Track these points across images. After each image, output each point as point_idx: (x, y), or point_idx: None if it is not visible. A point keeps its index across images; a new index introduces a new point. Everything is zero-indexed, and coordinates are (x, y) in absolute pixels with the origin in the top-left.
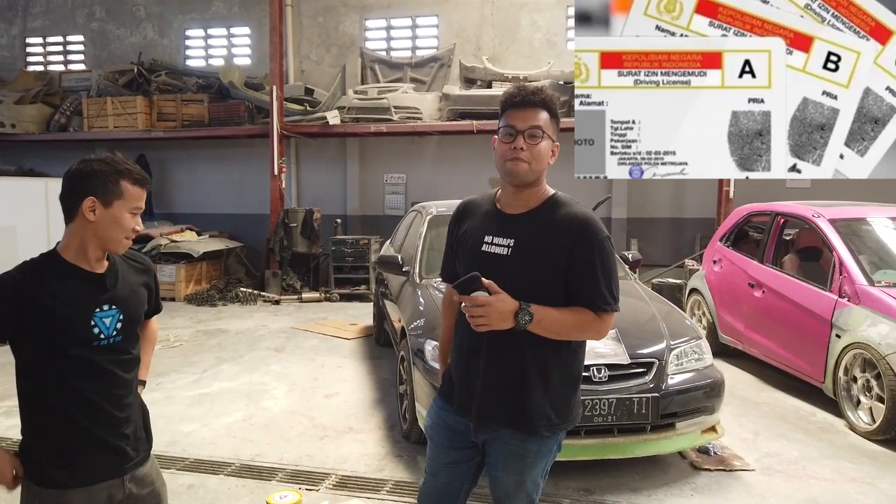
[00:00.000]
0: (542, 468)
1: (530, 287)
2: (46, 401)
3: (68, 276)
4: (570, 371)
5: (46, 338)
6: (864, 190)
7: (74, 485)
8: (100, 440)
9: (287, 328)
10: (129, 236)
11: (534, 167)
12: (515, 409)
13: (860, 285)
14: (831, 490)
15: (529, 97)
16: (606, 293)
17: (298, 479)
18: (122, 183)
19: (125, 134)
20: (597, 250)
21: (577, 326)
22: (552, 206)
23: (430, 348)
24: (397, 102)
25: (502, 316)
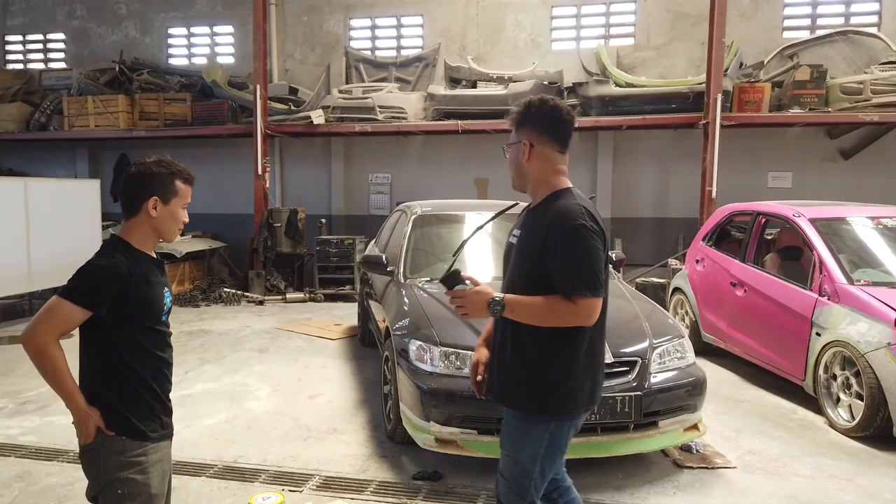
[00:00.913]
0: (530, 452)
1: (524, 274)
2: (129, 365)
3: (147, 262)
4: (547, 359)
5: (137, 310)
6: (844, 190)
7: (153, 439)
8: (163, 402)
9: (271, 329)
10: (181, 227)
11: (513, 173)
12: (498, 381)
13: (840, 284)
14: (811, 486)
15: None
16: (574, 278)
17: (282, 480)
18: (177, 182)
19: (107, 133)
20: (565, 237)
21: (549, 312)
22: (549, 200)
23: (414, 348)
24: (382, 102)
25: (477, 306)
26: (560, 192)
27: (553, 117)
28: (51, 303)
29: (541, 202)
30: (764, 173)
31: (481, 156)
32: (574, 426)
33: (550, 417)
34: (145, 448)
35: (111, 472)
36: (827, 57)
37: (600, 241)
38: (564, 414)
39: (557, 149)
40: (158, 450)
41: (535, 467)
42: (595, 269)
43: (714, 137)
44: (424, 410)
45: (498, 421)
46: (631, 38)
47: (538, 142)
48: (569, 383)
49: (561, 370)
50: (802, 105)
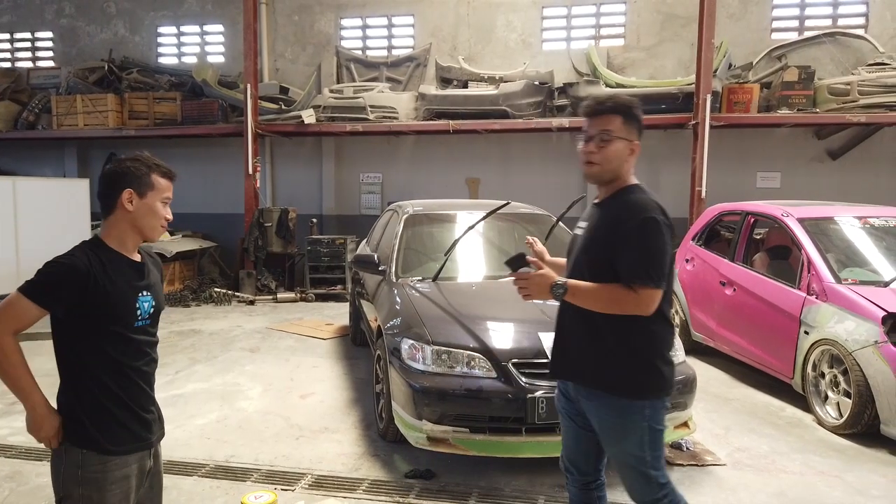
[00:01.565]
0: (634, 440)
1: (591, 263)
2: (91, 371)
3: (117, 262)
4: (629, 343)
5: (98, 314)
6: (832, 190)
7: (115, 452)
8: (135, 413)
9: (262, 328)
10: (164, 224)
11: (605, 167)
12: (570, 362)
13: (828, 283)
14: (800, 483)
15: (598, 105)
16: (639, 268)
17: (274, 479)
18: (153, 176)
19: (96, 132)
20: (636, 228)
21: (610, 300)
22: (621, 194)
23: (406, 347)
24: (373, 102)
25: (540, 289)
26: (633, 187)
27: (642, 124)
28: (9, 297)
29: (612, 196)
30: (753, 174)
31: (472, 156)
32: (666, 404)
33: (646, 402)
34: (107, 463)
35: (67, 486)
36: (815, 58)
37: (669, 236)
38: (660, 393)
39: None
40: (125, 465)
41: (646, 451)
42: (661, 261)
43: (703, 138)
44: (416, 409)
45: (490, 419)
46: (621, 39)
47: (638, 147)
48: (657, 364)
49: (649, 350)
50: (791, 106)
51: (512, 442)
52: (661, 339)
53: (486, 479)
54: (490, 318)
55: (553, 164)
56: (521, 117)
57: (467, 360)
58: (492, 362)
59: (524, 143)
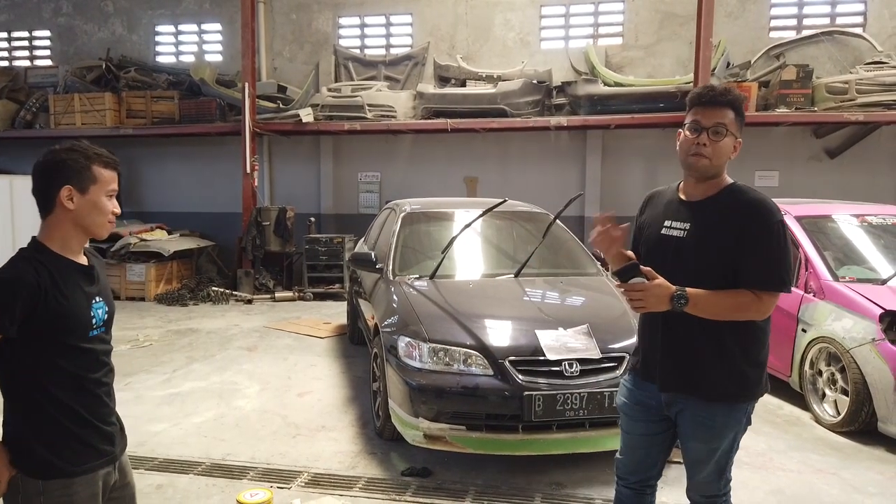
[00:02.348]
0: (731, 439)
1: (703, 267)
2: (45, 389)
3: (65, 268)
4: (749, 347)
5: (52, 327)
6: (830, 189)
7: (79, 472)
8: (96, 428)
9: (260, 327)
10: (112, 220)
11: (714, 162)
12: (692, 376)
13: (825, 281)
14: (797, 481)
15: (717, 97)
16: (772, 274)
17: (270, 477)
18: (95, 168)
19: (93, 131)
20: (762, 232)
21: (734, 308)
22: (730, 193)
23: (403, 345)
24: (371, 100)
25: (659, 300)
26: (741, 186)
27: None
28: None
29: (717, 194)
30: (751, 172)
31: (471, 154)
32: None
33: (750, 403)
34: (71, 486)
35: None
36: (813, 57)
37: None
38: (758, 396)
39: None
40: (90, 483)
41: (734, 449)
42: (790, 266)
43: None
44: (413, 407)
45: (487, 417)
46: (619, 38)
47: (741, 143)
48: (762, 366)
49: (761, 354)
50: (789, 105)
51: (509, 440)
52: (768, 339)
53: (483, 476)
54: (487, 315)
55: (551, 162)
56: (520, 116)
57: (464, 357)
58: (488, 360)
59: (522, 142)
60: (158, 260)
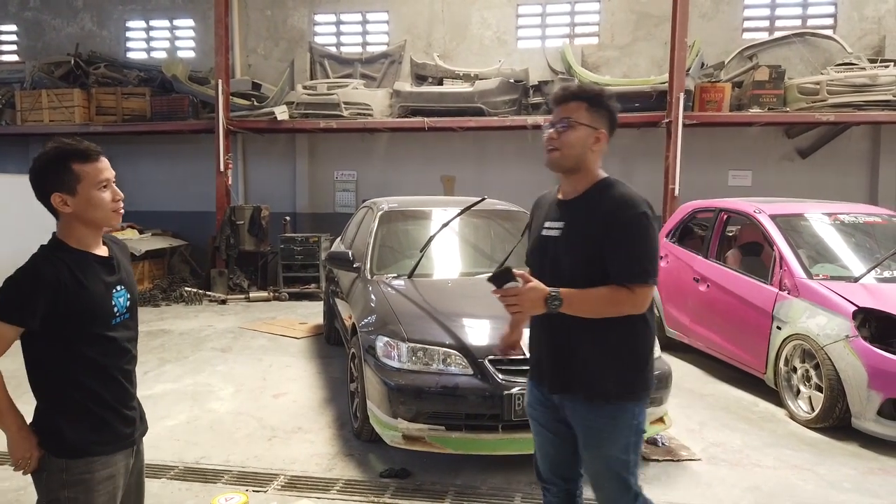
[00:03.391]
0: (622, 445)
1: (578, 265)
2: (71, 376)
3: (85, 262)
4: (627, 343)
5: (75, 319)
6: (802, 188)
7: (100, 452)
8: (118, 411)
9: (234, 328)
10: (116, 208)
11: (565, 153)
12: (573, 376)
13: (799, 278)
14: (773, 477)
15: (562, 93)
16: (638, 267)
17: (245, 480)
18: (74, 167)
19: (62, 128)
20: (627, 225)
21: (609, 303)
22: (599, 189)
23: (381, 344)
24: (347, 98)
25: (533, 303)
26: (609, 181)
27: (616, 117)
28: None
29: (587, 191)
30: (724, 172)
31: (448, 153)
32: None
33: (635, 403)
34: (92, 464)
35: (53, 490)
36: (785, 58)
37: (657, 230)
38: (647, 394)
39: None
40: (110, 464)
41: (630, 455)
42: (655, 257)
43: (676, 136)
44: (392, 407)
45: (466, 417)
46: (595, 38)
47: (606, 135)
48: (649, 361)
49: (641, 352)
50: (761, 105)
51: (488, 439)
52: (650, 336)
53: (463, 477)
54: (466, 314)
55: (528, 162)
56: (497, 115)
57: (443, 357)
58: (468, 359)
59: (499, 141)
60: (130, 260)
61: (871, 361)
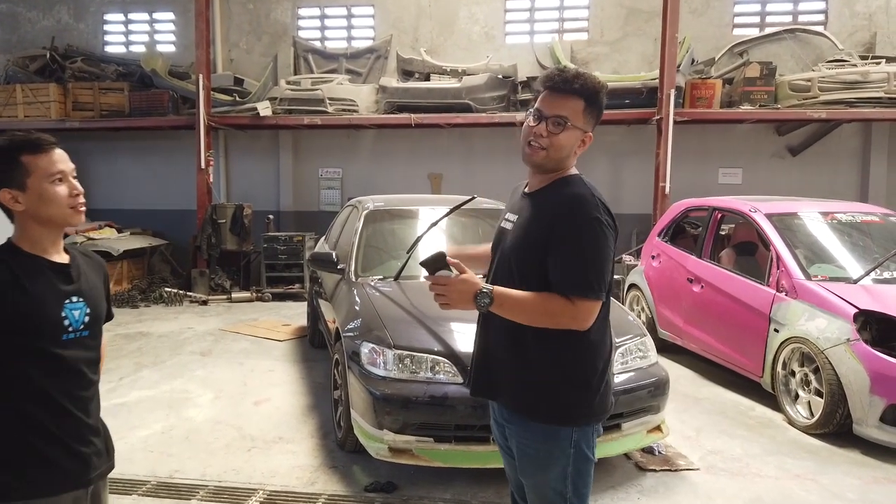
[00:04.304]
0: (557, 472)
1: (520, 264)
2: (7, 402)
3: (35, 267)
4: (566, 358)
5: (15, 332)
6: (792, 186)
7: (37, 495)
8: (66, 446)
9: (215, 330)
10: (74, 204)
11: (551, 155)
12: (495, 380)
13: (798, 280)
14: (775, 487)
15: (565, 82)
16: (579, 277)
17: (222, 496)
18: (23, 159)
19: (37, 124)
20: (575, 229)
21: (545, 313)
22: (558, 185)
23: (366, 351)
24: (332, 94)
25: (461, 297)
26: (573, 178)
27: (602, 111)
28: None
29: (546, 186)
30: (715, 169)
31: (435, 150)
32: (598, 430)
33: (572, 426)
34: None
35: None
36: (775, 54)
37: (613, 238)
38: (591, 419)
39: None
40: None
41: (567, 487)
42: (603, 269)
43: (667, 133)
44: (377, 418)
45: (456, 428)
46: (585, 33)
47: (591, 137)
48: (592, 383)
49: (583, 370)
50: (752, 102)
51: (479, 451)
52: (597, 355)
53: (452, 490)
54: (455, 319)
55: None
56: (485, 111)
57: (432, 364)
58: (458, 367)
59: (487, 138)
60: (107, 259)
61: (873, 366)
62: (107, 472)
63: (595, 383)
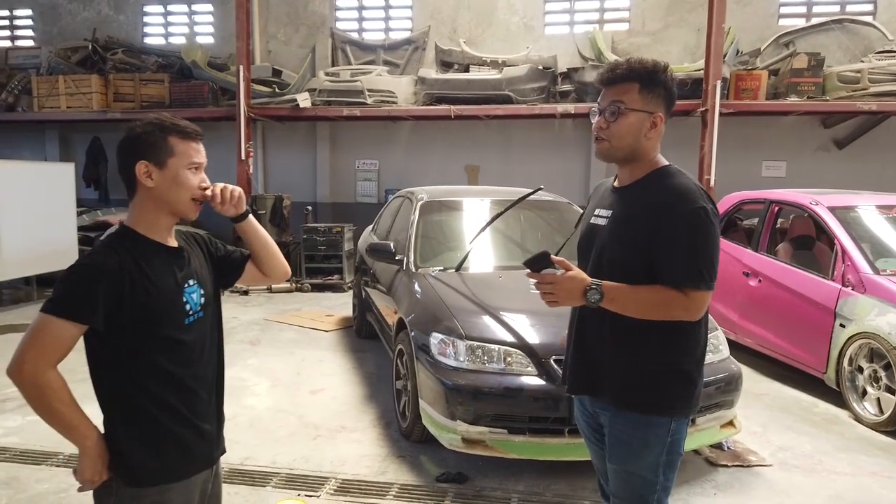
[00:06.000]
0: (650, 462)
1: (619, 259)
2: (143, 388)
3: (153, 252)
4: (673, 351)
5: (144, 321)
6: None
7: (175, 478)
8: (197, 427)
9: (259, 320)
10: (197, 196)
11: (615, 144)
12: (597, 376)
13: (865, 274)
14: (853, 485)
15: (611, 73)
16: (690, 268)
17: (295, 483)
18: (171, 139)
19: (79, 115)
20: (683, 221)
21: (657, 305)
22: (655, 177)
23: (436, 342)
24: (371, 85)
25: (570, 294)
26: (667, 170)
27: (674, 91)
28: (36, 322)
29: (641, 179)
30: (758, 162)
31: (472, 142)
32: (689, 424)
33: (672, 417)
34: (167, 492)
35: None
36: (822, 45)
37: (718, 227)
38: (689, 411)
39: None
40: (187, 489)
41: (658, 476)
42: (714, 258)
43: (713, 125)
44: (449, 408)
45: (530, 420)
46: (626, 24)
47: (663, 118)
48: (693, 375)
49: (686, 361)
50: (800, 93)
51: (553, 444)
52: (697, 345)
53: (524, 482)
54: (524, 310)
55: (555, 150)
56: (525, 103)
57: (504, 355)
58: (531, 358)
59: (526, 130)
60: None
61: None
62: (223, 452)
63: (695, 374)
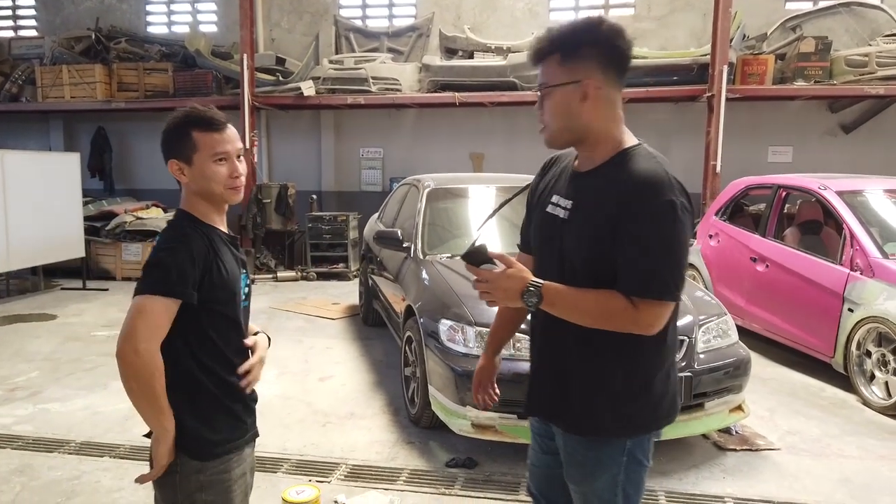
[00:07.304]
0: (608, 481)
1: (581, 261)
2: (202, 367)
3: (219, 238)
4: (623, 365)
5: (213, 300)
6: (844, 164)
7: (235, 449)
8: (245, 402)
9: (266, 308)
10: (233, 185)
11: (552, 126)
12: (557, 400)
13: (874, 258)
14: (862, 468)
15: (532, 51)
16: (648, 276)
17: (306, 469)
18: (193, 134)
19: (83, 105)
20: (645, 217)
21: (602, 313)
22: (619, 161)
23: (445, 328)
24: (375, 73)
25: (508, 293)
26: (633, 151)
27: (617, 45)
28: (138, 305)
29: (605, 163)
30: (764, 147)
31: (477, 129)
32: (656, 434)
33: (629, 438)
34: (228, 462)
35: (188, 494)
36: (829, 29)
37: (690, 224)
38: (645, 430)
39: (619, 88)
40: (242, 460)
41: (617, 497)
42: (680, 265)
43: (719, 110)
44: (459, 394)
45: None
46: (631, 9)
47: (603, 82)
48: (653, 392)
49: (642, 378)
50: (807, 78)
51: None
52: (666, 358)
53: None
54: None
55: None
56: (530, 89)
57: (513, 341)
58: None
59: (531, 117)
60: (155, 239)
61: None
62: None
63: (663, 388)
